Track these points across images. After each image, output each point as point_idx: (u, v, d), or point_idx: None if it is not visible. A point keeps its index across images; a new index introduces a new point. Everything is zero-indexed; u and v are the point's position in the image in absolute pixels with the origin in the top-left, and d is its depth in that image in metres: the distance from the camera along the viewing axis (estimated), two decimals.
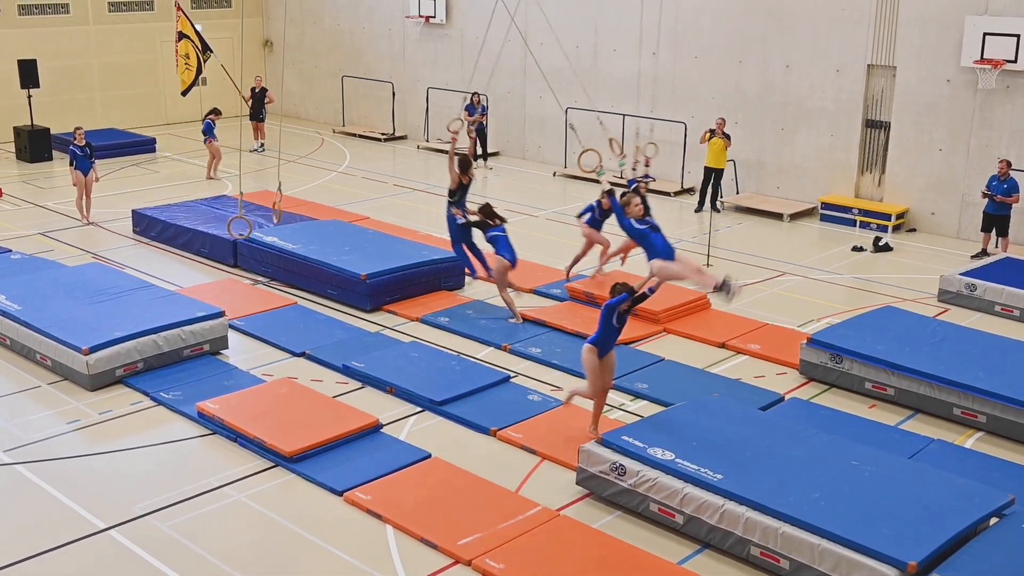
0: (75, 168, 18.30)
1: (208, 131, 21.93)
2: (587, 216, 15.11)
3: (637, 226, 11.28)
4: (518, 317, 13.79)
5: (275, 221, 15.95)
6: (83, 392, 11.67)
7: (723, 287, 11.03)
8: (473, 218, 13.98)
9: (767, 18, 20.06)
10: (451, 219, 14.14)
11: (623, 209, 11.34)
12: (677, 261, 11.22)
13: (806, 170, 20.07)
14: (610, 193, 11.46)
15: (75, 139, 18.48)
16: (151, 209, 17.97)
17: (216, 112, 22.34)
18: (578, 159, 12.05)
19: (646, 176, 15.24)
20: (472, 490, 9.62)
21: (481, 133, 23.46)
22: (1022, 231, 17.45)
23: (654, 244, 11.24)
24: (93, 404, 11.42)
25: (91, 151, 18.55)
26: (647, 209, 11.88)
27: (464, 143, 17.02)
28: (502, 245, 13.80)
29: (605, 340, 10.16)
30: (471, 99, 23.21)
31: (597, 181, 12.87)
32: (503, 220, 13.99)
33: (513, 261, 13.78)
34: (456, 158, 14.16)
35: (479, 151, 23.56)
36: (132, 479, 9.90)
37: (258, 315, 14.01)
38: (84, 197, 18.47)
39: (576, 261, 15.31)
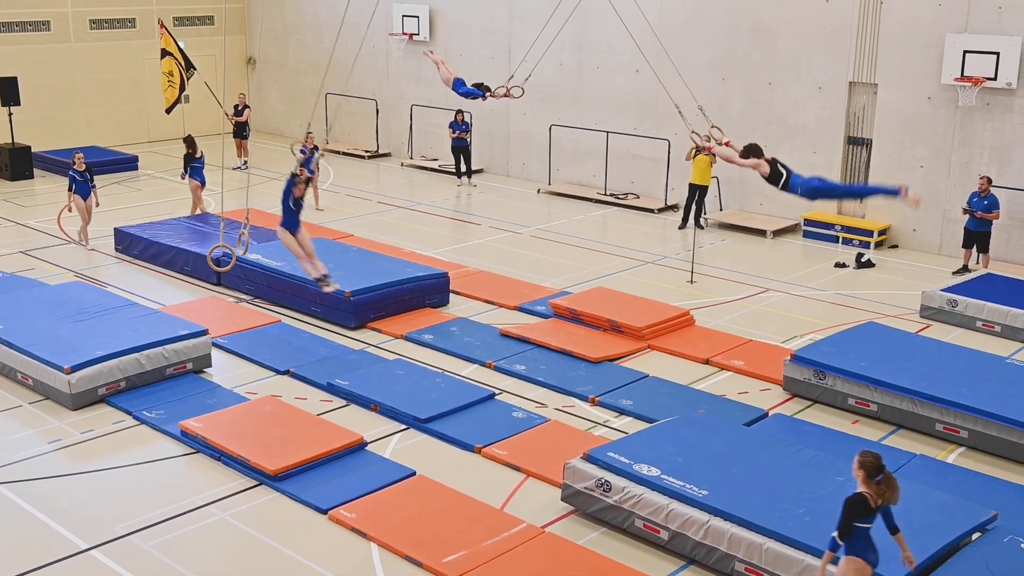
0: (74, 193, 17.89)
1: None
2: None
3: (290, 203, 12.73)
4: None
5: (242, 252, 13.47)
6: (65, 411, 11.60)
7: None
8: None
9: (750, 36, 20.19)
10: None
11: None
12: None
13: None
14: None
15: (74, 164, 18.02)
16: (134, 227, 17.92)
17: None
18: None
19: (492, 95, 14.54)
20: (457, 507, 9.60)
21: (465, 150, 23.48)
22: (1003, 247, 17.56)
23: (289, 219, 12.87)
24: (75, 423, 11.35)
25: (91, 176, 18.12)
26: None
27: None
28: (195, 172, 19.08)
29: None
30: (455, 116, 23.24)
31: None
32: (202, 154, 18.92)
33: (203, 182, 19.20)
34: None
35: (463, 167, 23.59)
36: (114, 498, 9.84)
37: (242, 333, 13.98)
38: (83, 223, 18.15)
39: None
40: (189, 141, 19.42)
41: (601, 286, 15.81)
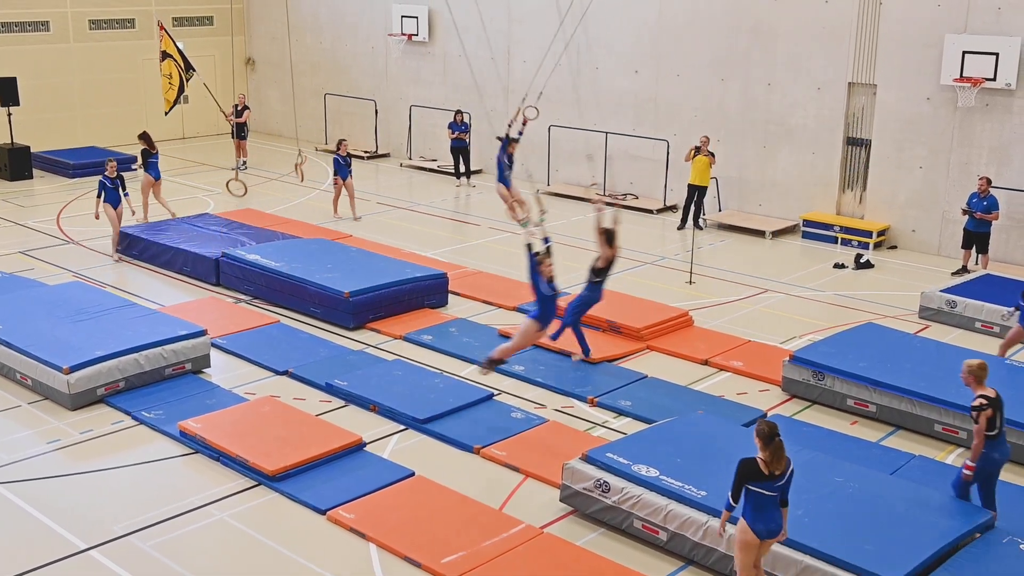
0: (104, 201, 17.17)
1: (339, 168, 20.15)
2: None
3: (544, 289, 11.39)
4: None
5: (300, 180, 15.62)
6: (64, 411, 11.60)
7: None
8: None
9: (749, 36, 20.19)
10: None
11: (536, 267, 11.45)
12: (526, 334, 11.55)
13: (788, 187, 20.16)
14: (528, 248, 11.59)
15: (106, 170, 17.34)
16: (133, 227, 17.91)
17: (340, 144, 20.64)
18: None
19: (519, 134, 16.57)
20: (455, 508, 9.60)
21: (464, 151, 23.50)
22: (1002, 248, 17.57)
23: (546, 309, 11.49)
24: (74, 423, 11.35)
25: (123, 183, 17.44)
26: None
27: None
28: (151, 167, 19.15)
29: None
30: (454, 117, 23.25)
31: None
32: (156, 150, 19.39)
33: (157, 177, 19.17)
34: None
35: (462, 168, 23.59)
36: (113, 499, 9.84)
37: (241, 333, 13.97)
38: (113, 232, 17.54)
39: None
40: (146, 137, 19.52)
41: None
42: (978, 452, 8.96)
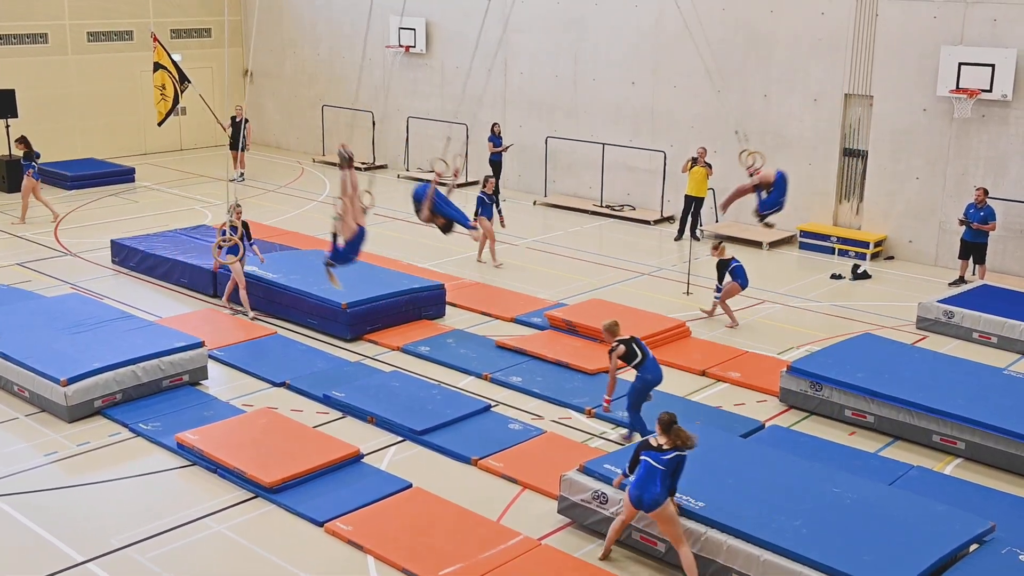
0: (227, 252, 14.81)
1: (482, 208, 17.93)
2: None
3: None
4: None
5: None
6: (61, 424, 11.58)
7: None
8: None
9: (746, 48, 20.23)
10: None
11: None
12: None
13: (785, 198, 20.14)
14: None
15: (231, 219, 14.97)
16: (130, 239, 17.90)
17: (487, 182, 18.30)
18: None
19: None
20: (453, 520, 9.59)
21: (500, 165, 22.97)
22: (998, 258, 17.58)
23: None
24: (71, 436, 11.33)
25: (248, 232, 15.34)
26: None
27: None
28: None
29: None
30: (492, 129, 22.80)
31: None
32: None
33: (38, 178, 19.64)
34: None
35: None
36: (110, 511, 9.82)
37: (238, 345, 13.97)
38: (239, 287, 15.11)
39: None
40: (24, 141, 20.38)
41: (597, 298, 15.81)
42: (612, 388, 11.10)
